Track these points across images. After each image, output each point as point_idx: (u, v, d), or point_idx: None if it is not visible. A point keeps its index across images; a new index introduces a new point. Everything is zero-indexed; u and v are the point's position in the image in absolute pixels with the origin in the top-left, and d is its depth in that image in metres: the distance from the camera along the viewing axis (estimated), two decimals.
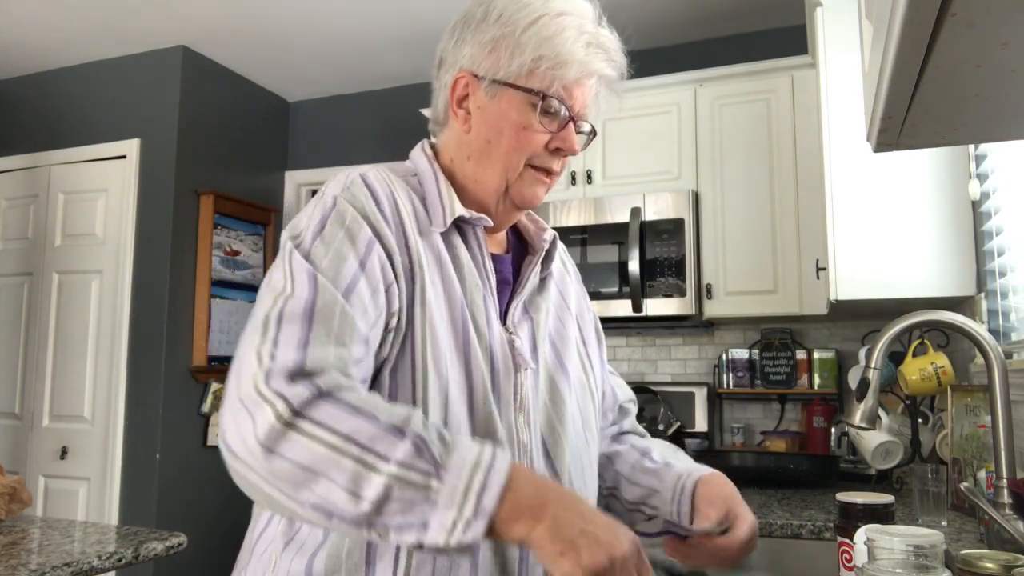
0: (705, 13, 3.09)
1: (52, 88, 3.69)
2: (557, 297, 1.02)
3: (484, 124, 0.92)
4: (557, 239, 1.05)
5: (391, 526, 0.66)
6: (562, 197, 2.95)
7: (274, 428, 0.67)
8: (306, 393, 0.69)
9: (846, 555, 1.17)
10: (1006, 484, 1.21)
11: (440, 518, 0.65)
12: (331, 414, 0.68)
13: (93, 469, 3.32)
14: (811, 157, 2.61)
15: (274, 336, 0.72)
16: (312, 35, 3.31)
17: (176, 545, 1.62)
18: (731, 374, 2.97)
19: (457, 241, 0.90)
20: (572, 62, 0.88)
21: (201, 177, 3.50)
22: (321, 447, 0.66)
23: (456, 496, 0.65)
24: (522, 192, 0.93)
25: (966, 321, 1.25)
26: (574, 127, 0.93)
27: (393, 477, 0.65)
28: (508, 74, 0.89)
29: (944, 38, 0.55)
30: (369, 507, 0.65)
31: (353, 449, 0.66)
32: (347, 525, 0.67)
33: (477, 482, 0.66)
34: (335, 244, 0.80)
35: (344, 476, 0.65)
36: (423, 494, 0.65)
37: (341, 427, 0.67)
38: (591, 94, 0.93)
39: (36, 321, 3.54)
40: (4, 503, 1.67)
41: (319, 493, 0.66)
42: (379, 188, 0.86)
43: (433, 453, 0.67)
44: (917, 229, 2.08)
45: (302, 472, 0.66)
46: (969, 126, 0.81)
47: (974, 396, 1.81)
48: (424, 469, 0.66)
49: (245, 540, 0.90)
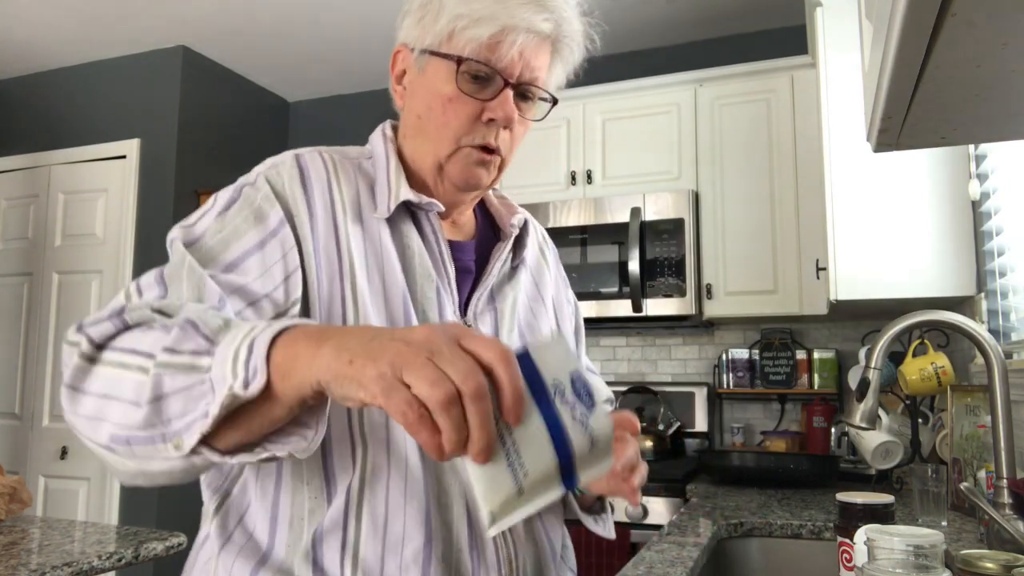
0: (705, 13, 3.09)
1: (52, 88, 3.69)
2: (531, 287, 0.95)
3: (414, 99, 0.84)
4: (531, 223, 0.97)
5: (181, 430, 0.56)
6: (562, 197, 2.95)
7: (77, 367, 0.62)
8: (111, 327, 0.63)
9: (846, 555, 1.17)
10: (1006, 484, 1.21)
11: (215, 400, 0.55)
12: (129, 337, 0.62)
13: (93, 469, 3.32)
14: (811, 157, 2.61)
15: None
16: (312, 35, 3.32)
17: (176, 545, 1.62)
18: (731, 374, 2.97)
19: (408, 229, 0.83)
20: (487, 17, 0.77)
21: (201, 177, 3.50)
22: (111, 369, 0.61)
23: (227, 365, 0.55)
24: (457, 172, 0.83)
25: (966, 321, 1.25)
26: (513, 92, 0.81)
27: (160, 365, 0.57)
28: (432, 42, 0.81)
29: (944, 38, 0.55)
30: (149, 410, 0.57)
31: (136, 359, 0.60)
32: (144, 446, 0.58)
33: (245, 346, 0.55)
34: (236, 221, 0.75)
35: (127, 388, 0.59)
36: (196, 376, 0.56)
37: (130, 344, 0.61)
38: (530, 52, 0.80)
39: (36, 321, 3.54)
40: (4, 503, 1.67)
41: (112, 419, 0.59)
42: (312, 172, 0.80)
43: (204, 331, 0.59)
44: (917, 229, 2.08)
45: (98, 402, 0.60)
46: (969, 126, 0.81)
47: (974, 396, 1.80)
48: (191, 349, 0.58)
49: (193, 546, 0.85)
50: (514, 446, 0.51)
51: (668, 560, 1.29)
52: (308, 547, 0.74)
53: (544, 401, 0.52)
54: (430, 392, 0.48)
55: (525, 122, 0.86)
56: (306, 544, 0.74)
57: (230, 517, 0.79)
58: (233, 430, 0.57)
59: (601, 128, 2.95)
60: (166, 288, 0.70)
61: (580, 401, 0.53)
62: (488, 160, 0.83)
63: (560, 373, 0.53)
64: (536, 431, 0.52)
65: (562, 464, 0.52)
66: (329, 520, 0.74)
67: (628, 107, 2.91)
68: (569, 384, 0.53)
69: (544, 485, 0.52)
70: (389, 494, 0.75)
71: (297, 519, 0.75)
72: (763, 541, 1.73)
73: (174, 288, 0.69)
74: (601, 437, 0.53)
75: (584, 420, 0.52)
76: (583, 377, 0.54)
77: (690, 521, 1.70)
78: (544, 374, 0.53)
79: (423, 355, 0.49)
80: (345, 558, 0.73)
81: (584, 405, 0.53)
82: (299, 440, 0.58)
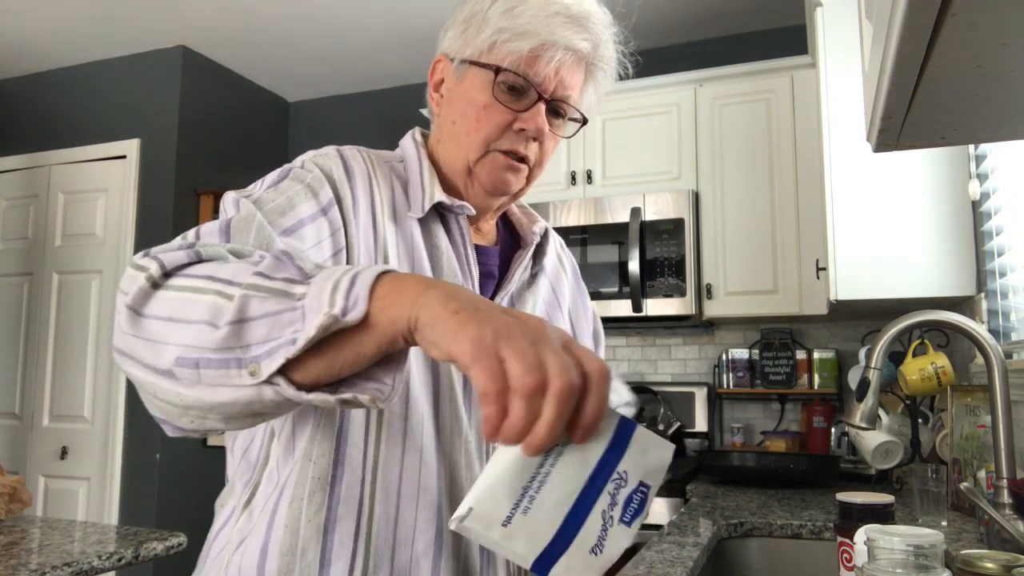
0: (705, 13, 3.09)
1: (52, 88, 3.69)
2: (549, 294, 0.97)
3: (450, 105, 0.88)
4: (551, 233, 1.00)
5: (260, 356, 0.53)
6: (562, 197, 2.95)
7: (143, 289, 0.58)
8: (184, 257, 0.60)
9: (846, 555, 1.17)
10: (1006, 484, 1.21)
11: (308, 325, 0.52)
12: (202, 268, 0.59)
13: (93, 469, 3.32)
14: (811, 157, 2.61)
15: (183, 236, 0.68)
16: (312, 35, 3.32)
17: (176, 545, 1.62)
18: (731, 374, 2.97)
19: (438, 230, 0.86)
20: (529, 32, 0.81)
21: (201, 177, 3.50)
22: (183, 293, 0.57)
23: (324, 295, 0.53)
24: (485, 177, 0.86)
25: (966, 321, 1.25)
26: (545, 107, 0.84)
27: (249, 287, 0.55)
28: (473, 52, 0.84)
29: (944, 38, 0.55)
30: (228, 331, 0.54)
31: (214, 284, 0.57)
32: (215, 370, 0.54)
33: (346, 279, 0.53)
34: (289, 192, 0.76)
35: (202, 310, 0.55)
36: (287, 302, 0.54)
37: (206, 271, 0.58)
38: (566, 70, 0.84)
39: (36, 321, 3.54)
40: (4, 503, 1.67)
41: (180, 341, 0.56)
42: (354, 164, 0.83)
43: (297, 264, 0.57)
44: (917, 229, 2.08)
45: (164, 325, 0.57)
46: (969, 126, 0.81)
47: (974, 396, 1.80)
48: (285, 276, 0.56)
49: (206, 541, 0.86)
50: (543, 480, 0.48)
51: (668, 560, 1.29)
52: (320, 537, 0.74)
53: (599, 475, 0.49)
54: (523, 374, 0.46)
55: (555, 137, 0.88)
56: (318, 533, 0.74)
57: (255, 507, 0.79)
58: (313, 363, 0.53)
59: (601, 128, 2.95)
60: (229, 239, 0.68)
61: (623, 508, 0.49)
62: (517, 167, 0.86)
63: (635, 471, 0.50)
64: (566, 491, 0.48)
65: (552, 544, 0.48)
66: (342, 511, 0.75)
67: (628, 107, 2.91)
68: (631, 487, 0.50)
69: (525, 539, 0.48)
70: (402, 486, 0.76)
71: (308, 508, 0.75)
72: (763, 541, 1.73)
73: (239, 239, 0.69)
74: (605, 555, 0.49)
75: (608, 522, 0.49)
76: (645, 496, 0.50)
77: (690, 521, 1.70)
78: (625, 456, 0.50)
79: (529, 337, 0.48)
80: (357, 550, 0.74)
81: (622, 514, 0.49)
82: (376, 388, 0.55)
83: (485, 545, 0.49)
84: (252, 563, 0.75)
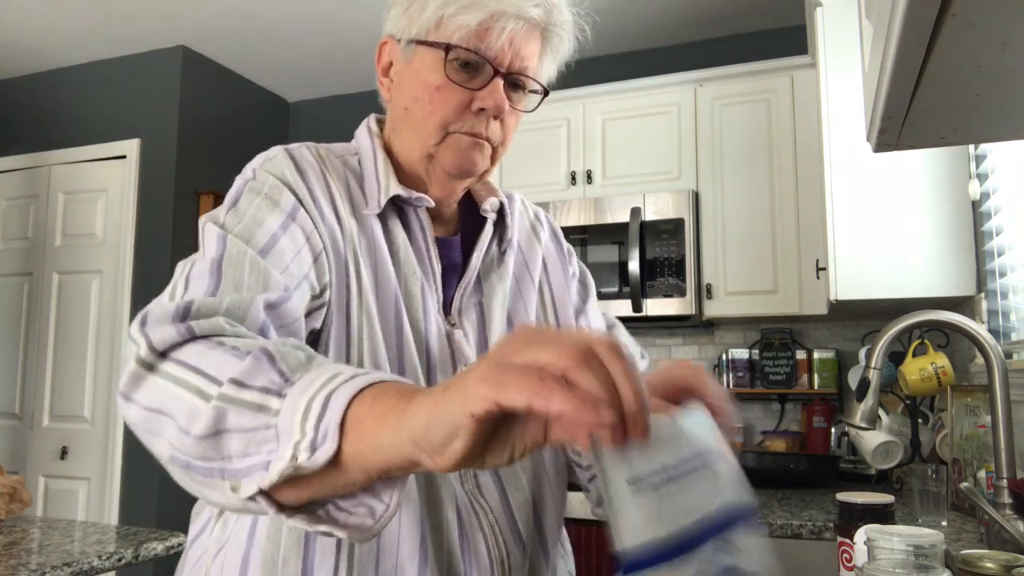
0: (705, 13, 3.09)
1: (52, 88, 3.69)
2: (520, 268, 0.91)
3: (401, 90, 0.83)
4: (510, 203, 0.92)
5: (240, 472, 0.50)
6: (562, 197, 2.95)
7: (133, 373, 0.57)
8: (175, 335, 0.58)
9: (846, 555, 1.17)
10: (1006, 484, 1.21)
11: (282, 448, 0.48)
12: (193, 351, 0.56)
13: (93, 469, 3.32)
14: (811, 157, 2.61)
15: (173, 289, 0.65)
16: (312, 35, 3.32)
17: (176, 545, 1.62)
18: (731, 374, 2.97)
19: (395, 225, 0.82)
20: (476, 3, 0.76)
21: (201, 177, 3.50)
22: (168, 383, 0.55)
23: (296, 418, 0.48)
24: (451, 158, 0.80)
25: (966, 321, 1.25)
26: (503, 82, 0.79)
27: (224, 399, 0.51)
28: (419, 31, 0.79)
29: (944, 38, 0.55)
30: (207, 443, 0.51)
31: (197, 379, 0.54)
32: (203, 476, 0.53)
33: (327, 390, 0.49)
34: (250, 210, 0.72)
35: (183, 410, 0.53)
36: (262, 418, 0.50)
37: (193, 361, 0.55)
38: (520, 40, 0.79)
39: (36, 321, 3.54)
40: (4, 503, 1.67)
41: (168, 438, 0.54)
42: (305, 163, 0.79)
43: (280, 366, 0.52)
44: (917, 229, 2.08)
45: (153, 418, 0.55)
46: (969, 126, 0.81)
47: (974, 396, 1.80)
48: (262, 385, 0.51)
49: (183, 549, 0.84)
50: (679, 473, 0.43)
51: None
52: (301, 547, 0.73)
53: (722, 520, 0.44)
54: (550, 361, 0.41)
55: (516, 113, 0.83)
56: (299, 544, 0.73)
57: (230, 516, 0.78)
58: (296, 488, 0.49)
59: (601, 128, 2.95)
60: (219, 279, 0.65)
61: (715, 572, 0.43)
62: (482, 144, 0.81)
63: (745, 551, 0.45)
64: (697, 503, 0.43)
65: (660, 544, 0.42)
66: None
67: (628, 107, 2.91)
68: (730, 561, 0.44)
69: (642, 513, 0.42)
70: None
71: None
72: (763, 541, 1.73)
73: (229, 279, 0.65)
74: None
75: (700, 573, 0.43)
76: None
77: None
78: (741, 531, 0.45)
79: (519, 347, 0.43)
80: (340, 559, 0.73)
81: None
82: (365, 516, 0.50)
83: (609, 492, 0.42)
84: (234, 572, 0.74)
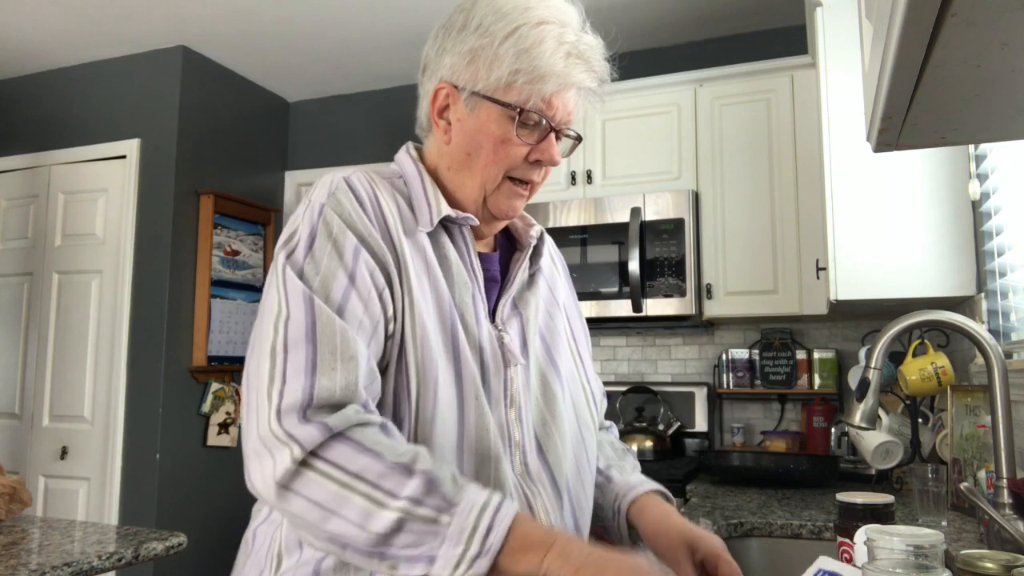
0: (705, 13, 3.09)
1: (52, 88, 3.69)
2: (547, 293, 1.03)
3: (464, 136, 0.92)
4: (545, 235, 1.06)
5: (400, 558, 0.69)
6: (562, 197, 2.95)
7: (289, 470, 0.71)
8: (317, 435, 0.72)
9: (846, 555, 1.17)
10: (1006, 484, 1.21)
11: (447, 553, 0.68)
12: (342, 453, 0.72)
13: (93, 469, 3.32)
14: (811, 157, 2.61)
15: (282, 368, 0.75)
16: (312, 35, 3.32)
17: (176, 545, 1.62)
18: (731, 374, 2.97)
19: (444, 240, 0.91)
20: (550, 75, 0.87)
21: (201, 177, 3.50)
22: (333, 485, 0.70)
23: (464, 533, 0.68)
24: (499, 204, 0.94)
25: (966, 321, 1.25)
26: (555, 137, 0.93)
27: (404, 511, 0.69)
28: (487, 87, 0.89)
29: (944, 38, 0.55)
30: (379, 540, 0.69)
31: (362, 486, 0.70)
32: (360, 556, 0.71)
33: (485, 521, 0.69)
34: (324, 260, 0.81)
35: (354, 511, 0.70)
36: (432, 528, 0.69)
37: (351, 466, 0.71)
38: (572, 104, 0.93)
39: (36, 321, 3.54)
40: (4, 503, 1.67)
41: (331, 529, 0.70)
42: (362, 191, 0.87)
43: (444, 491, 0.71)
44: (917, 229, 2.07)
45: (317, 509, 0.71)
46: (969, 126, 0.81)
47: (974, 396, 1.80)
48: (435, 504, 0.70)
49: (244, 536, 0.91)
50: None
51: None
52: None
53: None
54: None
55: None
56: None
57: None
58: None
59: (601, 128, 2.95)
60: (315, 349, 0.75)
61: None
62: (524, 193, 0.95)
63: None
64: None
65: None
66: None
67: (628, 107, 2.91)
68: None
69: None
70: None
71: None
72: (763, 541, 1.73)
73: (325, 347, 0.76)
74: None
75: None
76: None
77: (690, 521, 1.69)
78: None
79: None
80: None
81: None
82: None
83: None
84: (310, 565, 0.81)
